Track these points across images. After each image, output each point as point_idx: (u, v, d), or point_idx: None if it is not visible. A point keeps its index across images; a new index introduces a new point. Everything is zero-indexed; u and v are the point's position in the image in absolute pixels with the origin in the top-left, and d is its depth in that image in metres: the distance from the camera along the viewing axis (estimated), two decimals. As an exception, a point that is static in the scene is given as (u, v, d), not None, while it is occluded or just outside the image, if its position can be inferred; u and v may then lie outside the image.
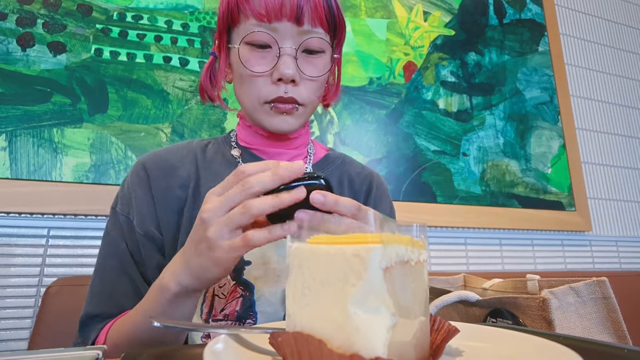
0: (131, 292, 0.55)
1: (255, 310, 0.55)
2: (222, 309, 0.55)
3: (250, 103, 0.58)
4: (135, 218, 0.57)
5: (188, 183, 0.60)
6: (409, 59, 1.42)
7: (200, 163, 0.63)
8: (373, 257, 0.24)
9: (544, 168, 1.56)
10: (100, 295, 0.55)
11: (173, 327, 0.31)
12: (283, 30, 0.55)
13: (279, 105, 0.56)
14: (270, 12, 0.53)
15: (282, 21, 0.54)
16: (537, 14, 1.72)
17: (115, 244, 0.57)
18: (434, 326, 0.31)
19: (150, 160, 0.61)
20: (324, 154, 0.70)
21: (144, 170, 0.60)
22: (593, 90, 1.78)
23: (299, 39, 0.56)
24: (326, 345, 0.24)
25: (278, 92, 0.56)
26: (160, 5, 1.12)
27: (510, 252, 1.45)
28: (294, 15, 0.54)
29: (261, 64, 0.56)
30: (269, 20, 0.54)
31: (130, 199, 0.58)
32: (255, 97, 0.57)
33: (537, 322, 0.55)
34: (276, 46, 0.55)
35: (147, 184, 0.59)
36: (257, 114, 0.59)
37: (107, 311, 0.55)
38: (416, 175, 1.34)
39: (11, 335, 0.86)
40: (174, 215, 0.58)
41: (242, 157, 0.64)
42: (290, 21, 0.54)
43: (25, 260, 0.90)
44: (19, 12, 0.98)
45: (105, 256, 0.57)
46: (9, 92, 0.94)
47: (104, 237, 0.59)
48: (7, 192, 0.89)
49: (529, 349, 0.28)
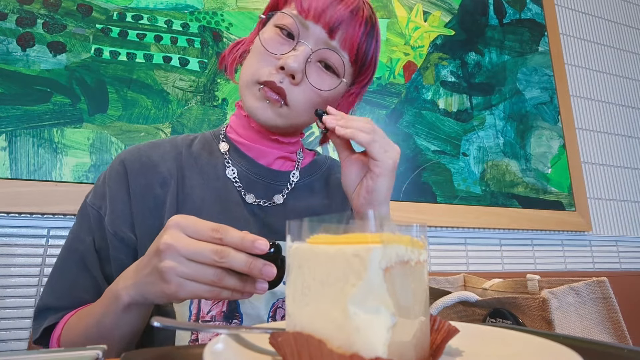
0: (91, 288, 0.54)
1: (240, 312, 0.55)
2: (209, 310, 0.55)
3: (246, 78, 0.58)
4: (107, 215, 0.55)
5: (169, 181, 0.58)
6: (409, 59, 1.42)
7: (185, 159, 0.61)
8: (373, 257, 0.24)
9: (544, 168, 1.56)
10: (60, 288, 0.54)
11: (172, 327, 0.31)
12: (312, 31, 0.55)
13: (266, 90, 0.55)
14: (311, 10, 0.54)
15: (317, 24, 0.55)
16: (537, 14, 1.72)
17: (80, 238, 0.56)
18: (434, 326, 0.31)
19: (131, 155, 0.59)
20: (310, 159, 0.70)
21: (123, 166, 0.58)
22: (593, 90, 1.78)
23: (321, 44, 0.56)
24: (326, 345, 0.24)
25: (272, 77, 0.55)
26: (160, 5, 1.12)
27: (510, 252, 1.45)
28: (329, 25, 0.55)
29: (276, 46, 0.56)
30: (305, 17, 0.55)
31: (104, 193, 0.57)
32: (253, 73, 0.57)
33: (537, 322, 0.55)
34: (297, 39, 0.56)
35: (125, 180, 0.57)
36: (245, 91, 0.58)
37: (64, 304, 0.54)
38: (416, 175, 1.34)
39: (11, 335, 0.87)
40: (150, 215, 0.56)
41: (229, 153, 0.62)
42: (324, 28, 0.55)
43: (25, 260, 0.90)
44: (19, 12, 0.98)
45: (68, 249, 0.56)
46: (9, 92, 0.94)
47: (71, 229, 0.57)
48: (7, 192, 0.89)
49: (529, 349, 0.28)
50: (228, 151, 0.62)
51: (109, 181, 0.57)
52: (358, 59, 0.59)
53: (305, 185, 0.65)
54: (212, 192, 0.59)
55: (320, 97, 0.58)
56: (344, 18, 0.55)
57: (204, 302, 0.54)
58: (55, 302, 0.54)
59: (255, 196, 0.60)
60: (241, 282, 0.39)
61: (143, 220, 0.56)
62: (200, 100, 1.11)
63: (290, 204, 0.62)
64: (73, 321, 0.51)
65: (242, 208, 0.59)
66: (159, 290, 0.39)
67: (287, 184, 0.63)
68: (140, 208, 0.56)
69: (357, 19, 0.57)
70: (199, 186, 0.59)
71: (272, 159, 0.63)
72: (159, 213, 0.56)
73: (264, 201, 0.60)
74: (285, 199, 0.62)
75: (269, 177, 0.62)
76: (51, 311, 0.54)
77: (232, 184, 0.60)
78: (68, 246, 0.56)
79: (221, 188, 0.59)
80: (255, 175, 0.61)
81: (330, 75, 0.58)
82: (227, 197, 0.59)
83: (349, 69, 0.59)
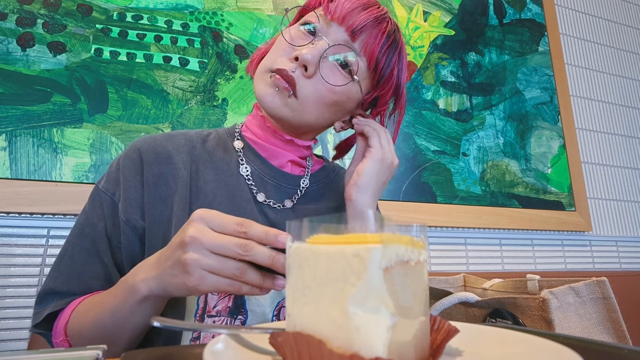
0: (100, 275, 0.54)
1: (246, 308, 0.55)
2: (215, 304, 0.55)
3: (262, 66, 0.58)
4: (121, 202, 0.55)
5: (182, 173, 0.58)
6: (409, 59, 1.42)
7: (200, 154, 0.61)
8: (373, 257, 0.24)
9: (544, 168, 1.56)
10: (68, 273, 0.54)
11: (172, 327, 0.31)
12: (334, 31, 0.56)
13: (276, 77, 0.55)
14: (337, 12, 0.56)
15: (340, 25, 0.56)
16: (537, 14, 1.72)
17: (92, 224, 0.55)
18: (434, 326, 0.31)
19: (147, 144, 0.60)
20: (320, 165, 0.71)
21: (139, 154, 0.58)
22: (593, 90, 1.78)
23: (338, 41, 0.56)
24: (326, 345, 0.24)
25: (285, 65, 0.55)
26: (160, 5, 1.12)
27: (510, 252, 1.45)
28: (352, 28, 0.56)
29: (295, 39, 0.57)
30: (331, 17, 0.56)
31: (118, 180, 0.57)
32: (269, 62, 0.57)
33: (537, 322, 0.55)
34: (318, 35, 0.56)
35: (140, 168, 0.57)
36: (258, 78, 0.59)
37: (72, 290, 0.53)
38: (416, 175, 1.34)
39: (11, 335, 0.87)
40: (160, 204, 0.56)
41: (243, 150, 0.63)
42: (347, 30, 0.56)
43: (25, 260, 0.90)
44: (19, 12, 0.98)
45: (79, 235, 0.55)
46: (9, 92, 0.94)
47: (81, 214, 0.57)
48: (7, 192, 0.89)
49: (529, 349, 0.28)
50: (242, 149, 0.63)
51: (123, 169, 0.57)
52: (377, 68, 0.59)
53: (314, 192, 0.66)
54: (225, 188, 0.59)
55: (331, 94, 0.57)
56: (367, 23, 0.56)
57: (210, 297, 0.54)
58: (62, 287, 0.53)
59: (266, 196, 0.61)
60: (261, 278, 0.40)
61: (153, 208, 0.56)
62: (200, 101, 1.11)
63: (299, 208, 0.63)
64: (82, 308, 0.51)
65: (252, 206, 0.59)
66: (181, 283, 0.40)
67: (298, 189, 0.64)
68: (152, 196, 0.56)
69: (380, 28, 0.58)
70: (212, 181, 0.59)
71: (284, 161, 0.64)
72: (169, 202, 0.57)
73: (274, 202, 0.61)
74: (295, 203, 0.63)
75: (280, 179, 0.63)
76: (57, 296, 0.53)
77: (245, 182, 0.60)
78: (79, 231, 0.55)
79: (234, 185, 0.60)
80: (267, 175, 0.62)
81: (345, 74, 0.57)
82: (239, 194, 0.59)
83: (365, 73, 0.59)
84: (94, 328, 0.48)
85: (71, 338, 0.51)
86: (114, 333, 0.47)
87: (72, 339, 0.51)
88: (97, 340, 0.47)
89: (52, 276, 0.54)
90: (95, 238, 0.55)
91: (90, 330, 0.48)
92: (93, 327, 0.48)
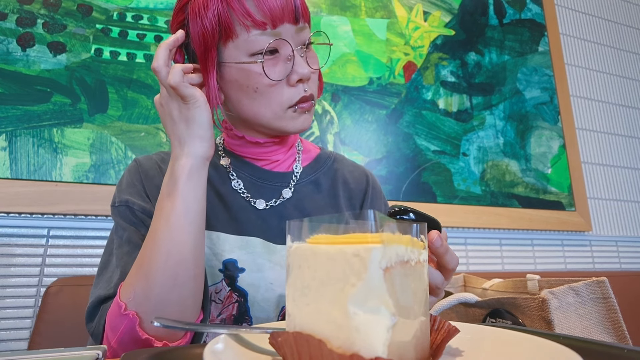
0: None
1: (250, 315, 0.56)
2: (219, 313, 0.56)
3: (273, 112, 0.56)
4: (134, 203, 0.57)
5: None
6: (409, 59, 1.42)
7: None
8: (373, 257, 0.24)
9: (544, 168, 1.56)
10: (120, 278, 0.51)
11: (173, 327, 0.31)
12: (286, 33, 0.55)
13: (302, 105, 0.57)
14: (275, 18, 0.53)
15: (284, 24, 0.55)
16: (537, 14, 1.72)
17: (122, 232, 0.56)
18: (434, 326, 0.31)
19: (146, 160, 0.62)
20: (315, 153, 0.70)
21: (139, 167, 0.60)
22: (593, 90, 1.78)
23: (298, 37, 0.56)
24: (326, 345, 0.24)
25: (299, 93, 0.56)
26: (160, 5, 1.12)
27: (510, 252, 1.45)
28: (294, 16, 0.55)
29: (277, 71, 0.55)
30: (273, 26, 0.53)
31: (125, 191, 0.58)
32: (279, 104, 0.56)
33: (537, 322, 0.55)
34: (285, 50, 0.55)
35: (140, 180, 0.59)
36: (279, 122, 0.57)
37: None
38: (416, 175, 1.34)
39: (11, 335, 0.86)
40: None
41: (232, 165, 0.63)
42: (290, 22, 0.55)
43: (25, 260, 0.90)
44: (19, 12, 0.98)
45: (118, 246, 0.55)
46: (9, 92, 0.94)
47: (111, 235, 0.57)
48: (7, 192, 0.89)
49: (529, 349, 0.28)
50: (230, 164, 0.63)
51: (130, 180, 0.59)
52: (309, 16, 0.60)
53: (311, 182, 0.66)
54: (220, 203, 0.60)
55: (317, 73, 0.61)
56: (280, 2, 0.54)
57: (214, 306, 0.55)
58: (114, 290, 0.50)
59: (265, 200, 0.61)
60: None
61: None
62: (200, 100, 1.10)
63: (298, 196, 0.63)
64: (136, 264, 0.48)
65: (252, 214, 0.60)
66: (170, 104, 0.50)
67: (292, 176, 0.64)
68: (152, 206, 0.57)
69: None
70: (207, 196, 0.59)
71: (277, 162, 0.64)
72: None
73: (275, 201, 0.62)
74: (294, 191, 0.63)
75: (275, 180, 0.63)
76: (110, 300, 0.50)
77: (240, 195, 0.61)
78: (116, 246, 0.55)
79: (230, 200, 0.61)
80: (261, 180, 0.63)
81: (311, 48, 0.60)
82: (236, 207, 0.60)
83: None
84: (155, 254, 0.46)
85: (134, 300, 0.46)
86: (176, 237, 0.47)
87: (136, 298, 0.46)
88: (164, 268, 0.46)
89: (102, 287, 0.52)
90: (130, 238, 0.54)
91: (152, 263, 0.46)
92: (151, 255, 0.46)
